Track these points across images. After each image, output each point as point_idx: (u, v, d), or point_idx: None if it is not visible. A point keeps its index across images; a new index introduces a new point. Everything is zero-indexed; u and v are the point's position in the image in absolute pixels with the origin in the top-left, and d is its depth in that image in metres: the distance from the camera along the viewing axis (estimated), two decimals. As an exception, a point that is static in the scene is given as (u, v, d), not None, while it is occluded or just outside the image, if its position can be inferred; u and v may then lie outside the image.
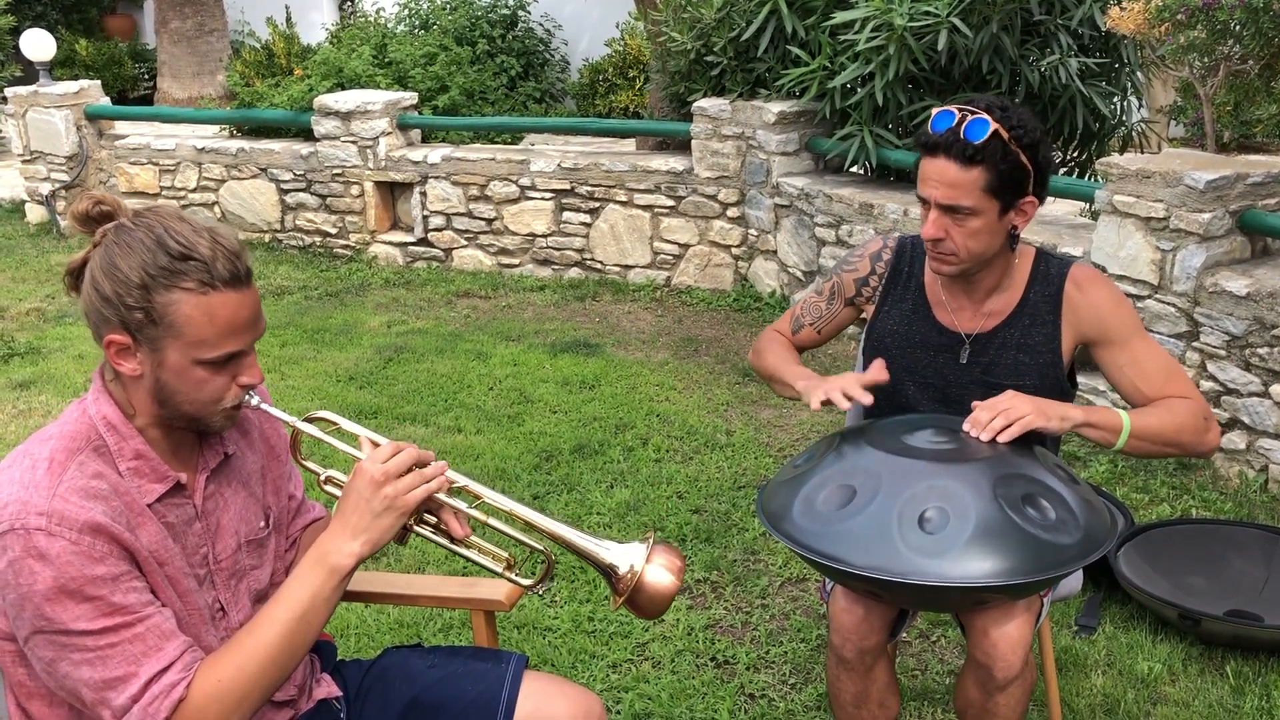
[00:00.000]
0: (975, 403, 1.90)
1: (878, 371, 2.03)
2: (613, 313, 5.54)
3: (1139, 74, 5.28)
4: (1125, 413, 1.93)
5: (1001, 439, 1.83)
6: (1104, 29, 4.81)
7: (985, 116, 1.87)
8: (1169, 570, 2.95)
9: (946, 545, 1.68)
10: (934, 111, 1.93)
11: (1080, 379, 3.88)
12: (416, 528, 1.55)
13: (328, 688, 1.71)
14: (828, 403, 1.96)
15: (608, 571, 1.53)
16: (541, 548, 1.59)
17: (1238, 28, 4.57)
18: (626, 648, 2.81)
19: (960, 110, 1.89)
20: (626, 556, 1.52)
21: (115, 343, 1.40)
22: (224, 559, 1.54)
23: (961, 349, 2.08)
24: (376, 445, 1.51)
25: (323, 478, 1.61)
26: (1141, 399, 2.01)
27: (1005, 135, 1.87)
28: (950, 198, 1.90)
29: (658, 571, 1.51)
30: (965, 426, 1.86)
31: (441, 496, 1.51)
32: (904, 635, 2.83)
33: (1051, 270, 2.07)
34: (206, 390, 1.43)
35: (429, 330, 5.31)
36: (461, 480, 1.54)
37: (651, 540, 1.55)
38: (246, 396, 1.49)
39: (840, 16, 4.76)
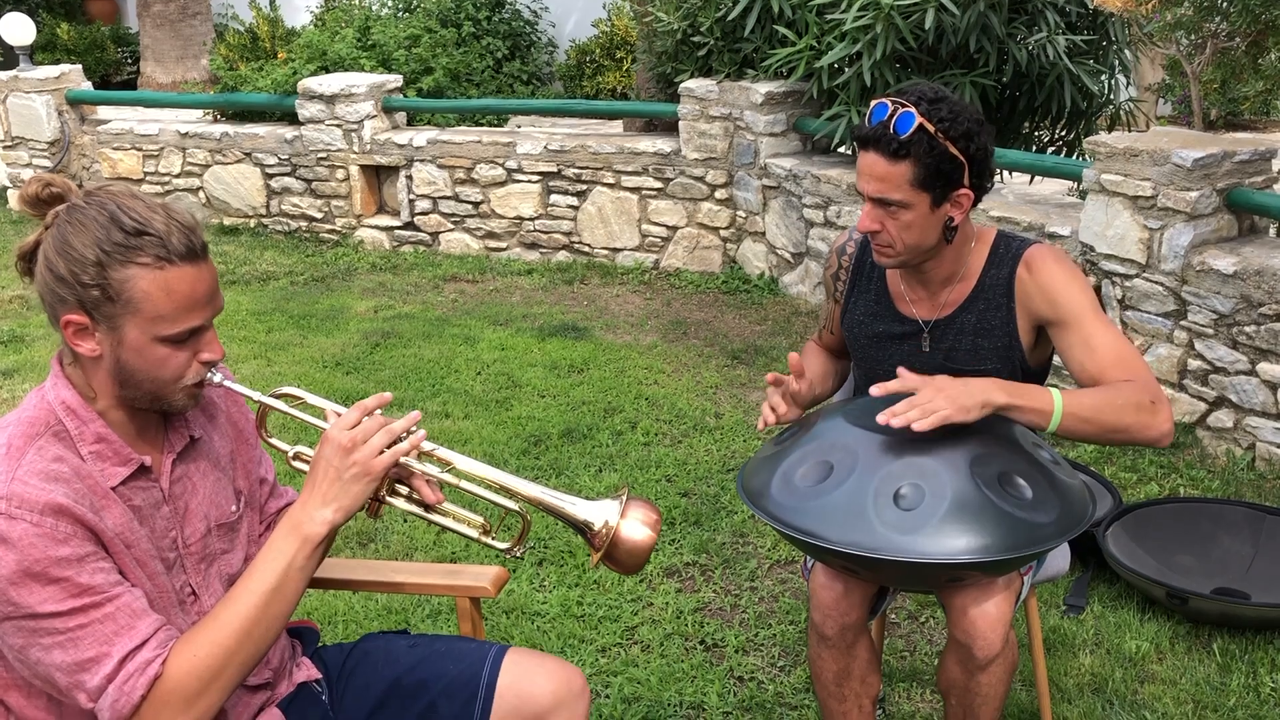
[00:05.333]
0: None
1: (790, 378, 2.04)
2: (601, 296, 5.52)
3: (1127, 52, 5.26)
4: (1058, 392, 1.85)
5: (916, 427, 1.72)
6: (1091, 6, 4.79)
7: (912, 110, 1.86)
8: (1157, 549, 2.96)
9: (921, 522, 1.68)
10: (873, 104, 1.93)
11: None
12: (389, 498, 1.53)
13: (308, 670, 1.70)
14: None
15: (583, 528, 1.53)
16: (517, 508, 1.58)
17: (1225, 4, 4.56)
18: (615, 632, 2.81)
19: (894, 103, 1.89)
20: (601, 513, 1.53)
21: (73, 323, 1.39)
22: (193, 543, 1.52)
23: (922, 337, 2.08)
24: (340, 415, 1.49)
25: (290, 454, 1.60)
26: (1088, 379, 1.93)
27: (931, 128, 1.86)
28: (880, 191, 1.91)
29: (633, 526, 1.52)
30: (881, 419, 1.75)
31: (413, 463, 1.50)
32: (892, 616, 2.84)
33: (1008, 252, 2.05)
34: (168, 368, 1.42)
35: (416, 315, 5.28)
36: (429, 445, 1.52)
37: (625, 495, 1.55)
38: (209, 374, 1.47)
39: (827, -5, 4.73)
